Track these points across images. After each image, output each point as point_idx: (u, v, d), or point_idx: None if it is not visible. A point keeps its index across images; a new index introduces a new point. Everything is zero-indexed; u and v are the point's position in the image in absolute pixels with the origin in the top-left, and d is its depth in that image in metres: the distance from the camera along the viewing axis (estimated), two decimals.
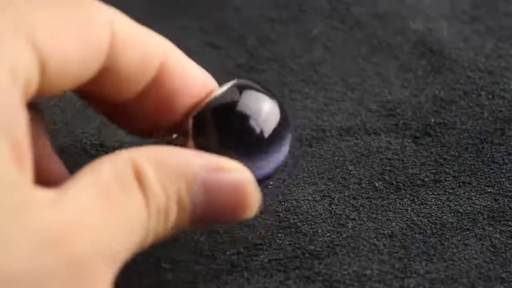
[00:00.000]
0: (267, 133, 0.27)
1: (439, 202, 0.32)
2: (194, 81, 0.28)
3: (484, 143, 0.35)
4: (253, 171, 0.27)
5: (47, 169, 0.27)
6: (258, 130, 0.27)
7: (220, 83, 0.38)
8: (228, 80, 0.38)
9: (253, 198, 0.26)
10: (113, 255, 0.23)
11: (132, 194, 0.23)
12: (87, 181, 0.23)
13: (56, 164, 0.27)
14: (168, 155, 0.25)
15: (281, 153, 0.28)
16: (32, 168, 0.23)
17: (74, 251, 0.22)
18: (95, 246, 0.22)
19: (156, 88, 0.27)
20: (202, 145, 0.27)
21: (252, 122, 0.27)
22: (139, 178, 0.24)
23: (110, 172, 0.23)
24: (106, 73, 0.26)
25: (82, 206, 0.22)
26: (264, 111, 0.28)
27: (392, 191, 0.33)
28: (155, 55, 0.27)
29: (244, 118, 0.27)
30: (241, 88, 0.28)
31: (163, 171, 0.24)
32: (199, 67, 0.28)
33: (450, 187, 0.33)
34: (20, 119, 0.22)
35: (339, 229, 0.31)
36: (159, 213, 0.24)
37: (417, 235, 0.31)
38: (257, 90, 0.28)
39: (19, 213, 0.21)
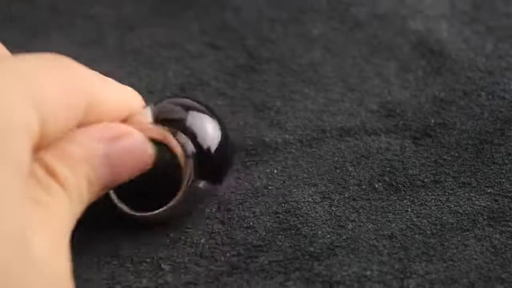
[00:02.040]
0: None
1: (439, 203, 0.32)
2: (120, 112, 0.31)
3: (484, 144, 0.35)
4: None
5: None
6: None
7: (221, 83, 0.38)
8: (228, 81, 0.39)
9: (149, 154, 0.30)
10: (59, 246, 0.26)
11: (53, 189, 0.27)
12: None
13: None
14: (70, 145, 0.28)
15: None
16: None
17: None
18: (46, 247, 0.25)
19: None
20: None
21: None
22: (52, 174, 0.27)
23: (30, 177, 0.26)
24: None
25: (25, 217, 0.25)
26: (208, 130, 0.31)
27: (392, 192, 0.33)
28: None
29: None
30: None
31: (68, 160, 0.27)
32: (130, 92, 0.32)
33: (450, 187, 0.33)
34: (28, 163, 0.25)
35: (339, 231, 0.31)
36: (78, 197, 0.28)
37: (417, 236, 0.31)
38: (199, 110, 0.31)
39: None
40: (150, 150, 0.30)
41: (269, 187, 0.33)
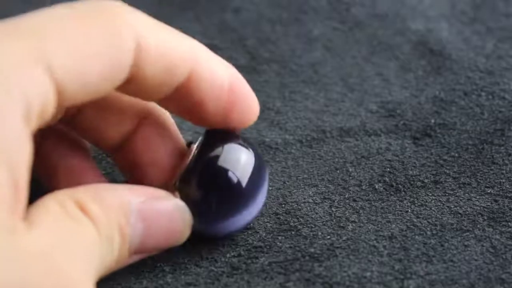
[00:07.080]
0: (247, 186, 0.29)
1: (439, 204, 0.32)
2: (222, 86, 0.28)
3: (484, 144, 0.35)
4: (233, 223, 0.29)
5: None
6: (236, 184, 0.29)
7: None
8: None
9: (186, 223, 0.28)
10: (90, 272, 0.25)
11: (83, 223, 0.24)
12: (44, 219, 0.24)
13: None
14: (106, 191, 0.26)
15: (258, 203, 0.30)
16: (26, 199, 0.24)
17: (58, 265, 0.23)
18: (73, 263, 0.24)
19: (183, 95, 0.28)
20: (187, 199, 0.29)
21: (231, 176, 0.29)
22: (85, 212, 0.25)
23: (59, 208, 0.24)
24: (130, 82, 0.26)
25: (51, 237, 0.24)
26: (241, 163, 0.29)
27: (392, 192, 0.33)
28: (182, 64, 0.27)
29: (223, 174, 0.29)
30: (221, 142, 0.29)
31: (104, 205, 0.25)
32: (225, 65, 0.28)
33: (450, 188, 0.33)
34: (25, 156, 0.23)
35: (339, 232, 0.31)
36: (108, 240, 0.25)
37: (417, 237, 0.31)
38: (236, 142, 0.30)
39: (5, 238, 0.22)
40: (188, 221, 0.28)
41: (269, 188, 0.33)
